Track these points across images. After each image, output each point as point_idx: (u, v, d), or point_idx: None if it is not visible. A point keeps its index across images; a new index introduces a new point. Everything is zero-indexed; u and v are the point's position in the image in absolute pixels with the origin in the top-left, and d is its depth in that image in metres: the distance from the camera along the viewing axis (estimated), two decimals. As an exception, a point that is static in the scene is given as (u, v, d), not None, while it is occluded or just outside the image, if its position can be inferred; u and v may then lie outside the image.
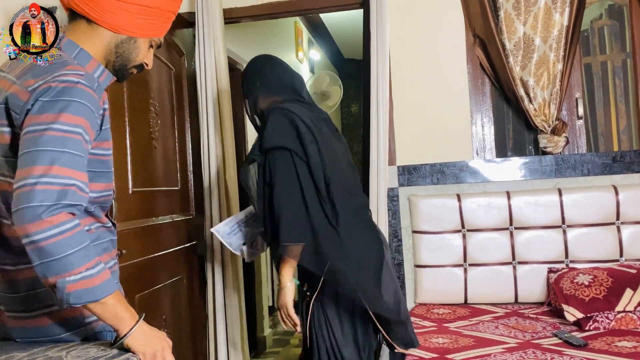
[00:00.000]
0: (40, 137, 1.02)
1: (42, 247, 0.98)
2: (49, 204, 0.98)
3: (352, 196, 1.86)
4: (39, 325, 1.17)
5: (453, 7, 2.68)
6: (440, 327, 2.21)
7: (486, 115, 2.71)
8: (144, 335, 1.10)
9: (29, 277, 1.16)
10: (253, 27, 4.21)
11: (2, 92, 1.13)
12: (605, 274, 2.17)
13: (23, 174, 1.00)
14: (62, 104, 1.05)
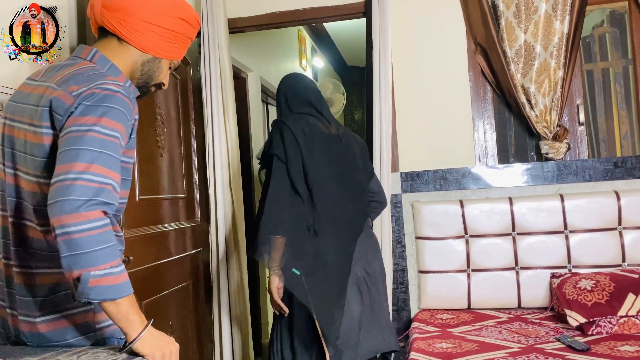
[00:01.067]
0: (82, 137, 1.07)
1: (74, 239, 1.01)
2: (86, 199, 1.03)
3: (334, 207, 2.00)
4: (50, 329, 1.20)
5: (454, 16, 2.71)
6: (443, 332, 2.22)
7: (488, 122, 2.73)
8: (152, 339, 1.12)
9: (48, 283, 1.19)
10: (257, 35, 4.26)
11: (43, 97, 1.17)
12: (607, 279, 2.19)
13: (64, 169, 1.04)
14: (103, 109, 1.11)
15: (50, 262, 1.18)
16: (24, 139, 1.19)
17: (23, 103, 1.23)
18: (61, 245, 1.02)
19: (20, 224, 1.21)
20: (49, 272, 1.14)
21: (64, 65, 1.24)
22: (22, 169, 1.19)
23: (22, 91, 1.27)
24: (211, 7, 2.74)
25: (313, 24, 4.21)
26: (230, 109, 2.78)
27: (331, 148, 2.06)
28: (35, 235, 1.18)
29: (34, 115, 1.17)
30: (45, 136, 1.15)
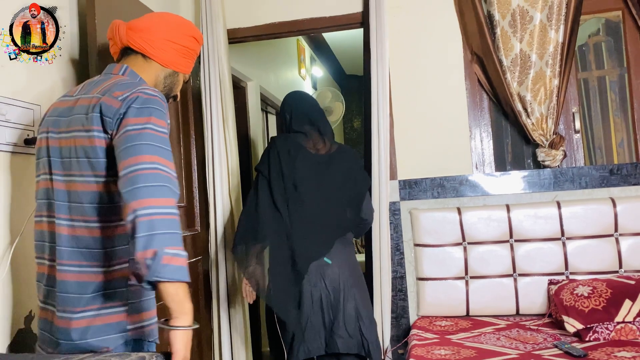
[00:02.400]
0: (140, 134, 1.19)
1: (153, 220, 1.11)
2: (161, 184, 1.15)
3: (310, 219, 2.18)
4: (84, 326, 1.26)
5: (450, 25, 2.75)
6: (442, 339, 2.24)
7: (485, 130, 2.76)
8: (187, 338, 1.18)
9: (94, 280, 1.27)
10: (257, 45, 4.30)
11: (91, 105, 1.29)
12: (604, 285, 2.20)
13: (132, 162, 1.15)
14: (150, 110, 1.24)
15: (99, 260, 1.27)
16: (74, 145, 1.29)
17: (67, 116, 1.34)
18: (140, 225, 1.10)
19: (71, 226, 1.29)
20: (97, 270, 1.25)
21: (100, 81, 1.38)
22: (76, 173, 1.29)
23: (59, 107, 1.40)
24: (211, 18, 2.78)
25: (312, 34, 4.26)
26: (230, 118, 2.81)
27: (313, 167, 2.24)
28: (87, 234, 1.27)
29: (85, 122, 1.28)
30: (97, 139, 1.26)
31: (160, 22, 1.46)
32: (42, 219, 1.37)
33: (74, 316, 1.26)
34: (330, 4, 2.86)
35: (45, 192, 1.36)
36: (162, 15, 1.51)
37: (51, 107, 1.44)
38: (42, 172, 1.39)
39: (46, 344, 1.34)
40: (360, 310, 2.16)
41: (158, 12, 1.59)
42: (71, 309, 1.26)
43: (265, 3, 2.94)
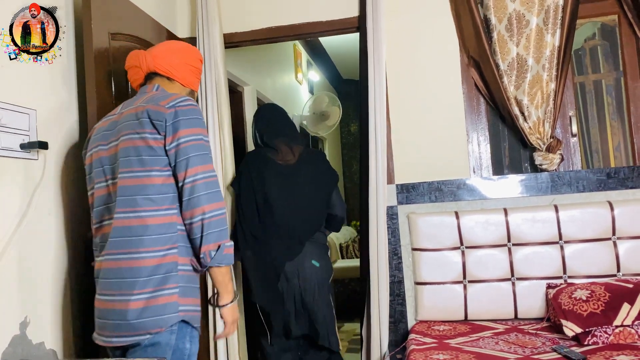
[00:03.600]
0: (192, 145, 1.45)
1: (218, 219, 1.42)
2: (216, 190, 1.45)
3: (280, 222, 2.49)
4: (141, 307, 1.41)
5: (447, 30, 2.75)
6: (440, 344, 2.23)
7: (482, 134, 2.76)
8: (233, 308, 1.52)
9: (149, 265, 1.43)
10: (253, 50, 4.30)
11: (139, 113, 1.49)
12: (602, 289, 2.20)
13: (190, 173, 1.43)
14: (196, 121, 1.49)
15: (149, 247, 1.43)
16: (124, 147, 1.48)
17: (113, 128, 1.56)
18: (206, 226, 1.40)
19: (123, 218, 1.45)
20: (148, 256, 1.42)
21: (137, 97, 1.60)
22: (125, 170, 1.47)
23: (102, 126, 1.61)
24: (207, 23, 2.78)
25: (308, 38, 4.25)
26: (226, 123, 2.80)
27: (281, 177, 2.52)
28: (138, 223, 1.44)
29: (136, 127, 1.48)
30: (149, 139, 1.46)
31: (179, 50, 1.71)
32: (102, 224, 1.55)
33: (132, 298, 1.41)
34: (327, 9, 2.86)
35: (104, 198, 1.54)
36: (177, 44, 1.76)
37: (95, 128, 1.67)
38: (97, 181, 1.57)
39: (104, 330, 1.48)
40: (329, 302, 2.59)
41: (172, 42, 1.81)
42: (128, 292, 1.41)
43: (262, 7, 2.94)
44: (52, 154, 1.93)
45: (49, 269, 1.90)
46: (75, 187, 2.07)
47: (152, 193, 1.44)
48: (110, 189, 1.52)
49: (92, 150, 1.59)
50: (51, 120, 1.96)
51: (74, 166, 2.07)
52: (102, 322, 1.48)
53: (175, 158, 1.44)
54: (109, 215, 1.50)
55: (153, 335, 1.41)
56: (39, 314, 1.82)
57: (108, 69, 2.12)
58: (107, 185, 1.53)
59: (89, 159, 1.61)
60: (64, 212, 1.99)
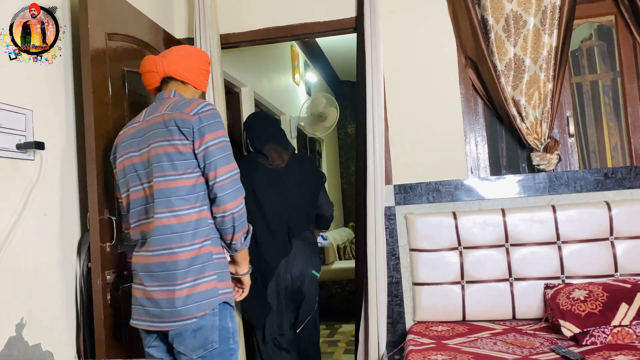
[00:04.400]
0: (218, 148, 1.62)
1: (240, 214, 1.63)
2: (238, 187, 1.64)
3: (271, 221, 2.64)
4: (185, 295, 1.57)
5: (445, 30, 2.75)
6: (439, 344, 2.22)
7: (480, 135, 2.76)
8: (248, 278, 1.81)
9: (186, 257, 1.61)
10: (251, 51, 4.29)
11: (165, 121, 1.64)
12: (600, 289, 2.20)
13: (219, 173, 1.61)
14: (218, 124, 1.65)
15: (186, 241, 1.60)
16: (156, 153, 1.63)
17: (141, 136, 1.70)
18: (235, 219, 1.62)
19: (162, 217, 1.60)
20: (188, 249, 1.59)
21: (159, 104, 1.73)
22: (159, 174, 1.62)
23: (129, 133, 1.75)
24: (204, 23, 2.77)
25: (306, 39, 4.26)
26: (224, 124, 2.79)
27: (270, 180, 2.67)
28: (175, 222, 1.60)
29: (166, 134, 1.63)
30: (179, 145, 1.61)
31: (192, 55, 1.83)
32: (141, 222, 1.70)
33: (176, 288, 1.57)
34: (324, 9, 2.86)
35: (142, 200, 1.69)
36: (189, 49, 1.87)
37: (122, 135, 1.78)
38: (133, 185, 1.71)
39: (144, 315, 1.64)
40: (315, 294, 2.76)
41: (184, 47, 1.90)
42: (173, 283, 1.57)
43: (259, 8, 2.94)
44: (48, 154, 1.92)
45: (45, 270, 1.88)
46: (71, 188, 2.06)
47: (185, 194, 1.61)
48: (146, 191, 1.67)
49: (124, 157, 1.74)
50: (48, 120, 1.95)
51: (70, 167, 2.06)
52: (145, 310, 1.64)
53: (204, 160, 1.61)
54: (146, 215, 1.67)
55: (198, 319, 1.56)
56: (35, 315, 1.81)
57: (105, 69, 2.11)
58: (143, 188, 1.68)
59: (121, 164, 1.75)
60: (60, 213, 1.98)
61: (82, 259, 2.02)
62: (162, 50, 2.62)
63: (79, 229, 2.08)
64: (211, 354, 1.58)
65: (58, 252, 1.96)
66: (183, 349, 1.58)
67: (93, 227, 1.95)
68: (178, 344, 1.58)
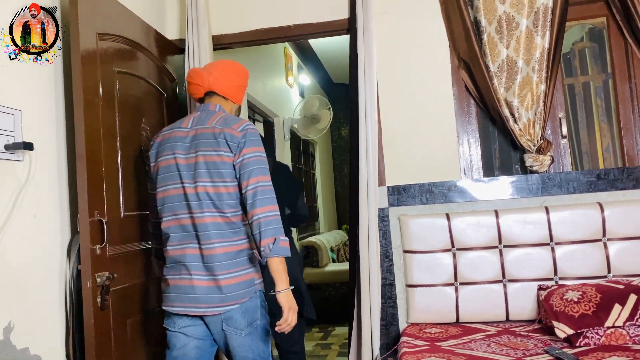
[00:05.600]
0: (255, 160, 1.81)
1: (273, 219, 1.75)
2: (270, 196, 1.79)
3: None
4: (228, 284, 1.79)
5: (438, 32, 2.75)
6: (432, 346, 2.21)
7: (472, 136, 2.76)
8: (288, 295, 1.79)
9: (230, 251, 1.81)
10: (244, 52, 4.28)
11: (215, 134, 1.84)
12: (593, 290, 2.20)
13: (252, 181, 1.78)
14: (257, 141, 1.85)
15: (230, 238, 1.82)
16: (203, 161, 1.82)
17: (188, 142, 1.87)
18: (263, 223, 1.74)
19: (213, 216, 1.81)
20: (229, 244, 1.81)
21: (206, 116, 1.91)
22: (207, 180, 1.81)
23: (177, 135, 1.91)
24: (196, 24, 2.76)
25: (298, 40, 4.24)
26: (216, 124, 2.77)
27: None
28: (222, 221, 1.82)
29: (214, 145, 1.82)
30: (225, 157, 1.82)
31: (234, 73, 2.03)
32: (177, 217, 1.86)
33: (222, 277, 1.79)
34: (317, 11, 2.85)
35: (179, 197, 1.85)
36: (232, 66, 2.05)
37: (166, 135, 1.94)
38: (172, 182, 1.87)
39: (186, 302, 1.81)
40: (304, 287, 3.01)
41: (228, 63, 2.05)
42: (219, 273, 1.79)
43: (252, 9, 2.93)
44: (37, 155, 1.89)
45: (34, 273, 1.86)
46: (61, 190, 2.03)
47: (229, 199, 1.82)
48: (186, 190, 1.84)
49: (168, 157, 1.89)
50: (37, 121, 1.93)
51: (60, 168, 2.04)
52: (189, 296, 1.81)
53: (240, 170, 1.81)
54: (187, 211, 1.84)
55: (241, 304, 1.80)
56: (24, 318, 1.78)
57: (95, 70, 2.08)
58: (184, 187, 1.85)
59: (164, 162, 1.90)
60: (49, 215, 1.96)
61: (72, 261, 1.99)
62: (153, 52, 2.61)
63: (69, 230, 2.05)
64: (256, 329, 1.84)
65: (47, 254, 1.93)
66: (233, 329, 1.81)
67: (83, 229, 1.92)
68: (228, 325, 1.81)
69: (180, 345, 1.86)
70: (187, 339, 1.86)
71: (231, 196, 1.82)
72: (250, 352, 1.83)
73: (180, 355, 1.86)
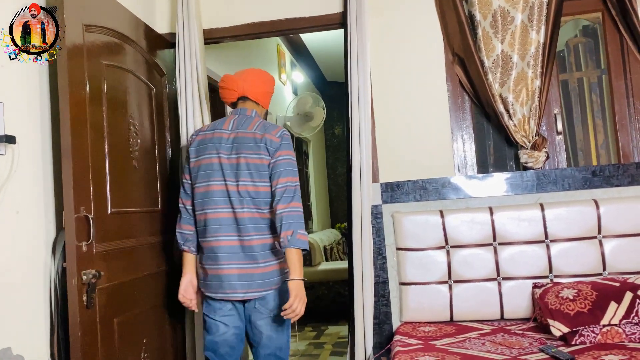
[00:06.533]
0: (287, 162, 2.09)
1: (296, 214, 2.03)
2: (297, 194, 2.07)
3: None
4: (263, 272, 2.06)
5: (432, 26, 2.72)
6: (426, 345, 2.17)
7: (467, 132, 2.72)
8: (299, 285, 2.01)
9: (263, 243, 2.07)
10: (237, 49, 4.23)
11: (256, 139, 2.09)
12: (589, 288, 2.17)
13: (282, 181, 2.05)
14: (290, 145, 2.13)
15: (264, 232, 2.07)
16: (245, 162, 2.07)
17: (231, 143, 2.11)
18: (288, 217, 2.00)
19: (251, 211, 2.07)
20: (263, 237, 2.07)
21: (245, 120, 2.16)
22: (247, 179, 2.07)
23: (218, 136, 2.14)
24: (187, 17, 2.71)
25: (291, 34, 4.20)
26: (207, 121, 2.73)
27: None
28: (259, 216, 2.07)
29: (255, 149, 2.08)
30: (264, 159, 2.08)
31: (265, 81, 2.26)
32: (217, 210, 2.09)
33: (259, 265, 2.06)
34: (310, 4, 2.81)
35: (221, 193, 2.09)
36: (263, 75, 2.27)
37: (208, 135, 2.16)
38: (214, 179, 2.10)
39: (226, 288, 2.06)
40: None
41: (259, 72, 2.27)
42: (255, 262, 2.06)
43: (243, 2, 2.88)
44: (20, 149, 1.84)
45: (17, 270, 1.80)
46: (46, 185, 1.98)
47: (265, 197, 2.08)
48: (228, 187, 2.08)
49: (210, 155, 2.12)
50: (20, 114, 1.88)
51: (45, 163, 1.98)
52: (231, 284, 2.06)
53: (272, 170, 2.07)
54: (228, 205, 2.08)
55: (275, 289, 2.08)
56: (6, 317, 1.73)
57: (82, 62, 2.03)
58: (226, 184, 2.08)
59: (207, 160, 2.11)
60: (33, 211, 1.90)
61: (57, 259, 1.94)
62: (142, 45, 2.55)
63: (54, 227, 2.00)
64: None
65: (31, 251, 1.88)
66: (264, 309, 2.07)
67: (68, 225, 1.87)
68: (261, 306, 2.07)
69: (220, 333, 2.12)
70: (226, 328, 2.12)
71: (267, 194, 2.08)
72: (274, 331, 2.10)
73: (221, 340, 2.12)
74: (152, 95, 2.62)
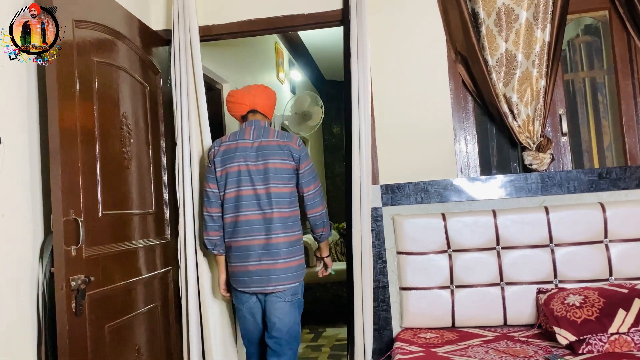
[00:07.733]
0: (310, 171, 2.37)
1: (325, 215, 2.41)
2: (322, 197, 2.39)
3: None
4: (286, 267, 2.28)
5: (434, 24, 2.64)
6: (428, 353, 2.10)
7: (470, 133, 2.66)
8: (329, 258, 2.55)
9: (288, 240, 2.30)
10: (234, 47, 4.16)
11: (280, 146, 2.32)
12: (596, 294, 2.10)
13: (311, 188, 2.35)
14: (308, 154, 2.39)
15: (290, 229, 2.30)
16: (273, 167, 2.29)
17: (255, 152, 2.32)
18: (321, 218, 2.39)
19: (280, 211, 2.29)
20: (289, 234, 2.30)
21: (264, 131, 2.37)
22: (273, 183, 2.29)
23: (242, 146, 2.33)
24: (183, 14, 2.63)
25: (289, 31, 4.13)
26: (203, 120, 2.65)
27: None
28: (286, 215, 2.30)
29: (281, 154, 2.31)
30: (289, 164, 2.32)
31: (271, 96, 2.49)
32: (248, 212, 2.29)
33: (286, 260, 2.28)
34: (309, 1, 2.73)
35: (251, 197, 2.30)
36: (266, 89, 2.48)
37: (232, 145, 2.34)
38: (244, 185, 2.30)
39: (255, 283, 2.28)
40: None
41: (265, 88, 2.47)
42: (279, 258, 2.27)
43: (241, -1, 2.80)
44: (6, 149, 1.76)
45: (3, 276, 1.73)
46: (34, 187, 1.90)
47: (291, 197, 2.33)
48: (258, 191, 2.29)
49: (238, 163, 2.31)
50: (6, 113, 1.80)
51: (33, 164, 1.91)
52: (260, 278, 2.27)
53: (301, 179, 2.35)
54: (258, 208, 2.29)
55: (299, 282, 2.34)
56: (-9, 325, 1.66)
57: (72, 59, 1.96)
58: (255, 188, 2.30)
59: (235, 168, 2.31)
60: (20, 214, 1.83)
61: (45, 264, 1.86)
62: (136, 42, 2.48)
63: (42, 230, 1.92)
64: (298, 300, 2.36)
65: (18, 256, 1.81)
66: (283, 294, 2.29)
67: (57, 229, 1.80)
68: (282, 295, 2.29)
69: (251, 320, 2.39)
70: (253, 316, 2.38)
71: (291, 194, 2.33)
72: (287, 316, 2.31)
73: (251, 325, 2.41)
74: (146, 94, 2.55)
